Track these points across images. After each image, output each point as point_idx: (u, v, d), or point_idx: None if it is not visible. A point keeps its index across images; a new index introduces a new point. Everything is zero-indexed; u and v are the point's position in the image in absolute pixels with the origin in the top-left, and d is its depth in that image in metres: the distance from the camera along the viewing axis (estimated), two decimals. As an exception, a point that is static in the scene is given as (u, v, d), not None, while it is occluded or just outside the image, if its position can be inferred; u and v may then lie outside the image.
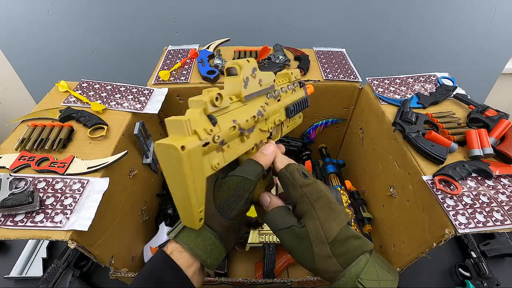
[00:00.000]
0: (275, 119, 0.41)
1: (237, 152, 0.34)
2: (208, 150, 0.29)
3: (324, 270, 0.32)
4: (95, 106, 0.65)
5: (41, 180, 0.50)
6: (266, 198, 0.38)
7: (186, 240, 0.32)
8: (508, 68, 1.51)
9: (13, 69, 1.29)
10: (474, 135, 0.56)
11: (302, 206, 0.34)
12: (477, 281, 0.68)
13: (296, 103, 0.45)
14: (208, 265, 0.33)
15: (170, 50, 0.91)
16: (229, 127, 0.31)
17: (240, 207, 0.34)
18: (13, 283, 0.68)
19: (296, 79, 0.47)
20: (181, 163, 0.25)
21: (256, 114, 0.36)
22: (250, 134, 0.36)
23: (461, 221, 0.46)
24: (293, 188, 0.35)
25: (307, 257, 0.32)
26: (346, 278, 0.30)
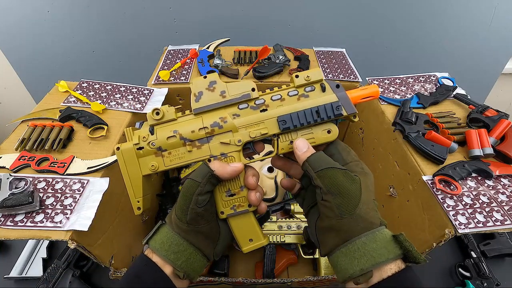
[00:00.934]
0: (252, 131, 0.37)
1: (182, 160, 0.37)
2: (144, 153, 0.37)
3: (364, 217, 0.31)
4: (95, 106, 0.65)
5: (41, 180, 0.50)
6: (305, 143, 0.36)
7: (153, 243, 0.35)
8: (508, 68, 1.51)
9: (13, 69, 1.29)
10: (474, 135, 0.56)
11: (355, 167, 0.35)
12: (477, 281, 0.68)
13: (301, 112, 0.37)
14: (178, 266, 0.33)
15: (170, 50, 0.91)
16: (167, 136, 0.37)
17: (192, 211, 0.33)
18: (13, 283, 0.68)
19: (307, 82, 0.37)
20: (118, 160, 0.37)
21: (209, 125, 0.37)
22: (202, 145, 0.37)
23: (461, 221, 0.46)
24: (347, 153, 0.37)
25: (354, 199, 0.31)
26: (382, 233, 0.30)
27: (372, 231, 0.31)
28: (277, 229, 0.70)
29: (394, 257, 0.29)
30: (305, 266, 0.75)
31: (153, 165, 0.37)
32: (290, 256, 0.73)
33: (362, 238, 0.30)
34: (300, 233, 0.70)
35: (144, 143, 0.37)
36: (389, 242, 0.30)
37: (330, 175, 0.33)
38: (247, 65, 0.86)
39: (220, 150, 0.37)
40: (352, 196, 0.31)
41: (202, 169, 0.35)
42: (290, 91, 0.38)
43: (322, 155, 0.35)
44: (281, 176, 0.79)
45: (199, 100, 0.37)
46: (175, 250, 0.34)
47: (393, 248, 0.29)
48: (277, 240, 0.70)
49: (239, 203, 0.38)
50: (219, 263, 0.71)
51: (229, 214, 0.38)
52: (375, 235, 0.30)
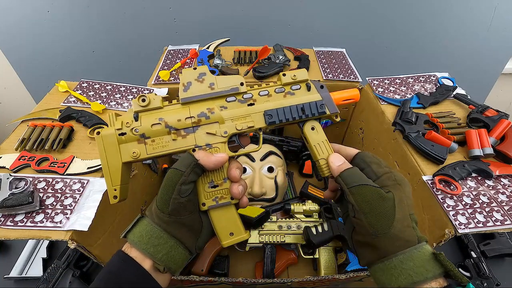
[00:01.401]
0: (238, 124, 0.38)
1: (166, 149, 0.37)
2: (125, 139, 0.36)
3: (399, 236, 0.30)
4: (95, 106, 0.65)
5: (41, 180, 0.50)
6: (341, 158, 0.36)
7: (131, 237, 0.33)
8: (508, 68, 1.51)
9: (13, 69, 1.29)
10: (474, 135, 0.56)
11: (387, 180, 0.34)
12: (477, 281, 0.68)
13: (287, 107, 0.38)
14: (158, 259, 0.32)
15: (170, 50, 0.91)
16: (152, 123, 0.36)
17: (174, 201, 0.32)
18: (13, 283, 0.68)
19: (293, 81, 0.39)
20: (97, 145, 0.35)
21: (196, 115, 0.37)
22: (188, 135, 0.37)
23: (461, 221, 0.46)
24: (378, 166, 0.35)
25: (387, 218, 0.31)
26: (421, 251, 0.30)
27: (410, 249, 0.30)
28: (277, 229, 0.70)
29: (434, 276, 0.29)
30: (305, 266, 0.75)
31: (134, 152, 0.36)
32: (290, 256, 0.73)
33: (399, 256, 0.30)
34: (300, 233, 0.70)
35: (127, 129, 0.36)
36: (428, 261, 0.29)
37: (362, 193, 0.32)
38: (247, 65, 0.86)
39: (205, 141, 0.37)
40: (385, 216, 0.31)
41: (186, 158, 0.34)
42: (277, 88, 0.39)
43: (356, 170, 0.34)
44: (281, 176, 0.79)
45: (187, 90, 0.37)
46: (155, 243, 0.33)
47: (432, 267, 0.29)
48: (277, 240, 0.70)
49: (222, 195, 0.37)
50: (219, 263, 0.71)
51: (211, 206, 0.37)
52: (412, 253, 0.30)
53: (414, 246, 0.30)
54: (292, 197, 0.85)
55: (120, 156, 0.36)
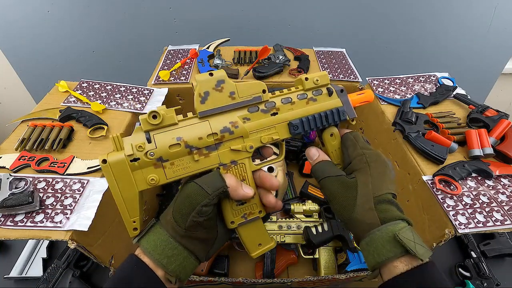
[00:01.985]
0: (264, 137, 0.35)
1: (188, 171, 0.33)
2: (140, 165, 0.31)
3: (361, 220, 0.32)
4: (95, 106, 0.65)
5: (41, 180, 0.50)
6: (315, 152, 0.38)
7: (146, 245, 0.32)
8: (508, 68, 1.51)
9: (13, 69, 1.29)
10: (474, 135, 0.56)
11: (357, 163, 0.35)
12: (477, 281, 0.68)
13: (311, 116, 0.36)
14: (170, 271, 0.31)
15: (170, 50, 0.91)
16: (169, 144, 0.31)
17: (192, 219, 0.31)
18: (13, 283, 0.68)
19: (317, 85, 0.37)
20: (105, 175, 0.30)
21: (219, 131, 0.33)
22: (210, 153, 0.33)
23: (461, 221, 0.46)
24: (353, 149, 0.36)
25: (348, 205, 0.33)
26: (382, 232, 0.31)
27: (373, 231, 0.31)
28: (277, 229, 0.70)
29: (396, 256, 0.29)
30: (305, 266, 0.75)
31: (153, 179, 0.31)
32: (290, 256, 0.73)
33: (366, 238, 0.32)
34: (300, 233, 0.70)
35: (140, 154, 0.31)
36: (388, 242, 0.30)
37: (327, 184, 0.35)
38: (247, 65, 0.86)
39: (230, 158, 0.34)
40: (346, 204, 0.33)
41: (215, 180, 0.32)
42: (299, 94, 0.37)
43: (324, 164, 0.36)
44: (281, 176, 0.79)
45: (205, 102, 0.33)
46: (169, 254, 0.31)
47: (393, 247, 0.30)
48: (277, 240, 0.70)
49: (250, 210, 0.36)
50: (219, 263, 0.71)
51: (241, 223, 0.36)
52: (374, 235, 0.31)
53: (377, 228, 0.31)
54: (292, 197, 0.85)
55: (135, 184, 0.31)
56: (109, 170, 0.30)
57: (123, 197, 0.31)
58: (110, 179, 0.30)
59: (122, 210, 0.31)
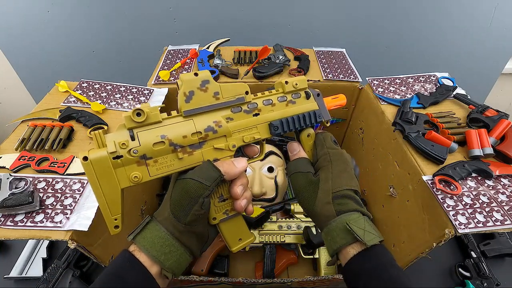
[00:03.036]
0: (246, 136, 0.37)
1: (171, 168, 0.33)
2: (123, 162, 0.31)
3: (320, 213, 0.36)
4: (95, 106, 0.65)
5: (41, 180, 0.50)
6: (296, 147, 0.42)
7: (142, 242, 0.32)
8: (508, 68, 1.51)
9: (13, 69, 1.29)
10: (474, 135, 0.56)
11: (322, 162, 0.39)
12: (477, 281, 0.68)
13: (290, 118, 0.39)
14: (168, 267, 0.32)
15: (170, 50, 0.91)
16: (153, 142, 0.32)
17: (195, 212, 0.32)
18: (13, 283, 0.68)
19: (296, 89, 0.40)
20: (86, 172, 0.29)
21: (203, 130, 0.34)
22: (194, 151, 0.34)
23: (461, 221, 0.46)
24: (320, 148, 0.40)
25: (310, 199, 0.37)
26: (336, 223, 0.35)
27: (329, 222, 0.35)
28: (277, 229, 0.71)
29: (348, 243, 0.33)
30: (305, 266, 0.75)
31: (136, 176, 0.31)
32: (290, 256, 0.73)
33: (325, 229, 0.36)
34: (300, 233, 0.70)
35: (123, 151, 0.30)
36: (342, 231, 0.34)
37: (295, 179, 0.39)
38: (247, 65, 0.86)
39: (213, 156, 0.35)
40: (309, 198, 0.37)
41: (209, 171, 0.33)
42: (279, 97, 0.39)
43: (299, 160, 0.40)
44: (281, 176, 0.79)
45: (189, 101, 0.34)
46: (166, 251, 0.32)
47: (346, 235, 0.34)
48: (277, 240, 0.70)
49: (231, 207, 0.37)
50: (219, 263, 0.71)
51: (222, 219, 0.37)
52: (330, 226, 0.35)
53: (333, 219, 0.35)
54: (292, 197, 0.85)
55: (117, 182, 0.31)
56: (91, 167, 0.29)
57: (104, 194, 0.31)
58: (91, 177, 0.30)
59: (103, 207, 0.31)
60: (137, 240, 0.33)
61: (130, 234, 0.34)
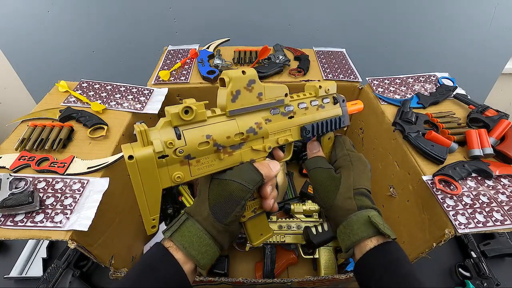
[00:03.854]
0: (280, 138, 0.38)
1: (211, 168, 0.33)
2: (167, 162, 0.30)
3: (341, 206, 0.38)
4: (95, 106, 0.65)
5: (41, 180, 0.50)
6: (316, 146, 0.44)
7: (181, 240, 0.33)
8: (508, 68, 1.51)
9: (13, 69, 1.29)
10: (474, 135, 0.56)
11: (342, 161, 0.41)
12: (477, 281, 0.68)
13: (320, 122, 0.41)
14: (202, 265, 0.33)
15: (170, 50, 0.91)
16: (199, 142, 0.31)
17: (236, 214, 0.34)
18: (13, 283, 0.68)
19: (327, 94, 0.41)
20: (130, 172, 0.28)
21: (246, 131, 0.34)
22: (234, 152, 0.34)
23: (461, 221, 0.46)
24: (340, 149, 0.43)
25: (331, 194, 0.39)
26: (358, 217, 0.36)
27: (350, 216, 0.36)
28: (277, 229, 0.70)
29: (368, 236, 0.35)
30: (305, 266, 0.75)
31: (179, 177, 0.30)
32: (290, 256, 0.73)
33: (344, 222, 0.37)
34: (300, 233, 0.70)
35: (170, 151, 0.29)
36: (363, 224, 0.35)
37: (317, 174, 0.41)
38: (247, 65, 0.86)
39: (250, 157, 0.36)
40: (330, 191, 0.39)
41: (251, 174, 0.34)
42: (313, 101, 0.40)
43: (317, 158, 0.43)
44: (281, 176, 0.79)
45: (236, 100, 0.33)
46: (203, 250, 0.33)
47: (366, 228, 0.35)
48: (277, 240, 0.70)
49: (259, 205, 0.39)
50: (219, 263, 0.71)
51: (250, 217, 0.38)
52: (351, 219, 0.36)
53: (353, 213, 0.36)
54: (292, 197, 0.85)
55: (159, 182, 0.30)
56: (135, 167, 0.28)
57: (145, 194, 0.29)
58: (135, 176, 0.28)
59: (143, 208, 0.30)
60: (175, 237, 0.33)
61: (166, 230, 0.34)
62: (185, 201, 0.82)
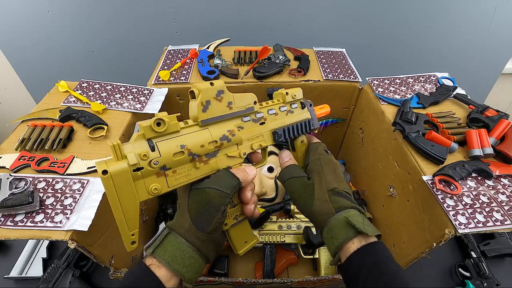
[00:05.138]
0: (254, 144, 0.39)
1: (189, 178, 0.33)
2: (143, 174, 0.30)
3: (319, 212, 0.37)
4: (95, 106, 0.65)
5: (41, 180, 0.50)
6: (288, 154, 0.45)
7: (163, 255, 0.32)
8: (508, 68, 1.51)
9: (13, 69, 1.29)
10: (474, 135, 0.56)
11: (313, 166, 0.41)
12: (477, 281, 0.68)
13: (290, 126, 0.43)
14: (187, 279, 0.32)
15: (170, 50, 0.91)
16: (173, 152, 0.31)
17: (217, 221, 0.34)
18: (13, 283, 0.68)
19: (294, 99, 0.43)
20: (105, 187, 0.27)
21: (219, 139, 0.35)
22: (209, 160, 0.35)
23: (461, 221, 0.46)
24: (312, 154, 0.43)
25: (308, 201, 0.38)
26: (336, 220, 0.35)
27: (329, 220, 0.36)
28: (277, 229, 0.71)
29: (349, 237, 0.34)
30: (305, 266, 0.75)
31: (156, 188, 0.31)
32: (290, 256, 0.73)
33: (325, 227, 0.36)
34: (300, 233, 0.70)
35: (144, 163, 0.29)
36: (343, 226, 0.35)
37: (291, 184, 0.41)
38: (247, 65, 0.86)
39: (226, 164, 0.37)
40: (307, 199, 0.38)
41: (227, 179, 0.34)
42: (281, 107, 0.42)
43: (292, 167, 0.43)
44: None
45: (206, 110, 0.34)
46: (187, 263, 0.32)
47: (346, 230, 0.34)
48: (277, 240, 0.70)
49: (240, 212, 0.39)
50: (219, 263, 0.71)
51: (232, 224, 0.38)
52: (331, 223, 0.36)
53: (332, 217, 0.36)
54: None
55: (136, 195, 0.30)
56: (110, 181, 0.27)
57: (122, 209, 0.29)
58: (110, 192, 0.28)
59: (121, 224, 0.30)
60: (157, 253, 0.32)
61: (148, 246, 0.33)
62: (185, 201, 0.82)
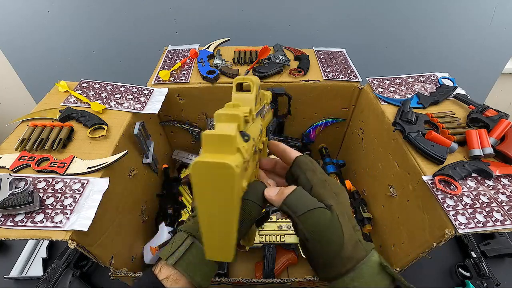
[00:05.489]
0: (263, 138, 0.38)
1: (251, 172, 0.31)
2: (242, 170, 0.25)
3: (350, 257, 0.28)
4: (95, 106, 0.65)
5: (41, 180, 0.50)
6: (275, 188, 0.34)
7: (187, 268, 0.30)
8: (508, 68, 1.51)
9: (13, 69, 1.29)
10: (474, 135, 0.56)
11: (322, 191, 0.31)
12: (477, 281, 0.68)
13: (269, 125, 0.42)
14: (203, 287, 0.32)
15: (170, 50, 0.91)
16: (252, 145, 0.28)
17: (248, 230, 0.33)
18: (13, 283, 0.68)
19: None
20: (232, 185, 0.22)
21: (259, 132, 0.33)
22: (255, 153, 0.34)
23: (461, 221, 0.46)
24: (312, 173, 0.33)
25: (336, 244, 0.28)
26: (368, 266, 0.28)
27: (359, 265, 0.28)
28: (277, 229, 0.71)
29: None
30: (305, 266, 0.75)
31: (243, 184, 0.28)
32: (290, 256, 0.73)
33: (351, 274, 0.28)
34: (300, 233, 0.70)
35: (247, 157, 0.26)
36: (377, 275, 0.28)
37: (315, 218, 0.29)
38: (247, 65, 0.86)
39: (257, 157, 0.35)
40: (335, 242, 0.28)
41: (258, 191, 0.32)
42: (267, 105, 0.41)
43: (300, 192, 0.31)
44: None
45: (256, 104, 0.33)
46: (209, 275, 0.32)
47: (381, 280, 0.28)
48: (277, 240, 0.70)
49: None
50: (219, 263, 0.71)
51: None
52: (362, 270, 0.28)
53: (362, 261, 0.28)
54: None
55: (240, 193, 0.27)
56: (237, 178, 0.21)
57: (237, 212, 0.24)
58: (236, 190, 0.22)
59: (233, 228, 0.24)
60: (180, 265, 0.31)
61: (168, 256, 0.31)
62: (185, 201, 0.82)
